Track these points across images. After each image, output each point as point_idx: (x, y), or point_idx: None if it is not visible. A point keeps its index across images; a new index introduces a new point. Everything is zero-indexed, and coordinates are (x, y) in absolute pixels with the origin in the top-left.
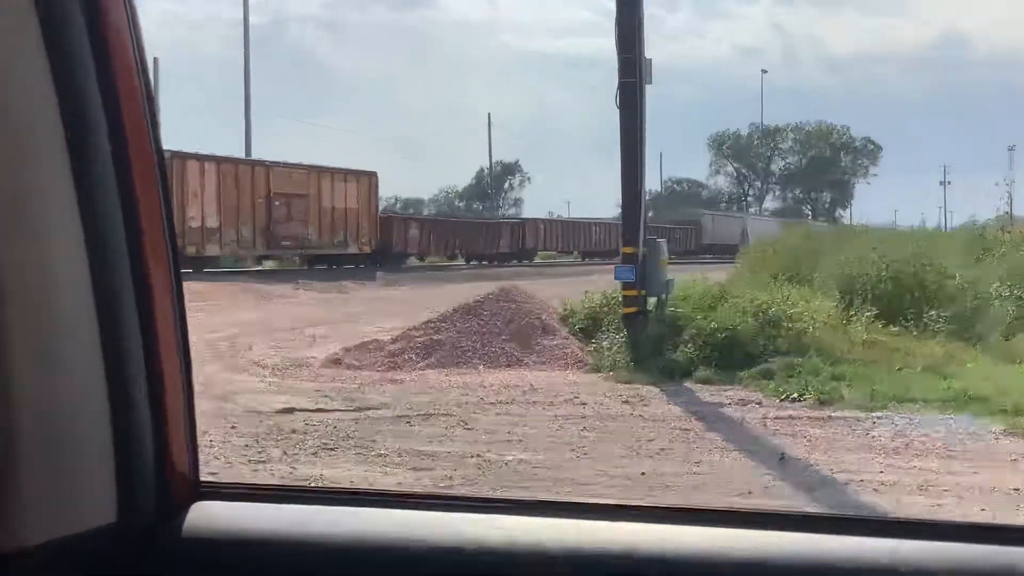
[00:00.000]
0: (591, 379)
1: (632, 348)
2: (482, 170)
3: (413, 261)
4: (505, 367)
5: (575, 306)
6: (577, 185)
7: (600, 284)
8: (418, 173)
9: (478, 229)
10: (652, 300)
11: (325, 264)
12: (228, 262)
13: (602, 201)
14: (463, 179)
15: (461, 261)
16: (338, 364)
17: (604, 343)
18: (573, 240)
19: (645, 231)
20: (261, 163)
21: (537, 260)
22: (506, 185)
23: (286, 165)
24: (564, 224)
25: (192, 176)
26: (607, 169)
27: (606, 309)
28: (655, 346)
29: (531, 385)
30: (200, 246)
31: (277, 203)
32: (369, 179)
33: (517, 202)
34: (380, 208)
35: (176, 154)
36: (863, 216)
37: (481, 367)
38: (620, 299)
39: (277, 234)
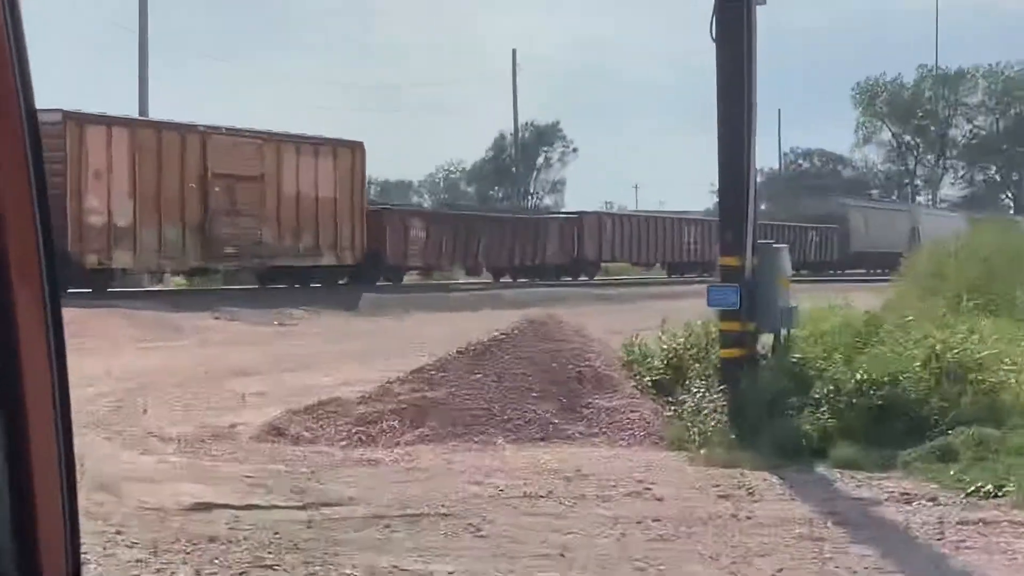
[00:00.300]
0: (670, 460)
1: (734, 412)
2: (502, 137)
3: (408, 277)
4: (538, 441)
5: (646, 346)
6: (649, 162)
7: (692, 312)
8: (405, 142)
9: (512, 229)
10: (766, 338)
11: (288, 281)
12: (135, 281)
13: (688, 186)
14: (473, 151)
15: (487, 278)
16: (279, 435)
17: (691, 403)
18: (654, 246)
19: (756, 232)
20: (193, 128)
21: (599, 277)
22: (539, 160)
23: (230, 131)
24: (640, 222)
25: (95, 148)
26: (696, 135)
27: (695, 351)
28: (770, 409)
29: (577, 469)
30: (104, 254)
31: (217, 188)
32: (352, 153)
33: (556, 186)
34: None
35: (70, 116)
36: None
37: (500, 440)
38: (716, 336)
39: (216, 236)
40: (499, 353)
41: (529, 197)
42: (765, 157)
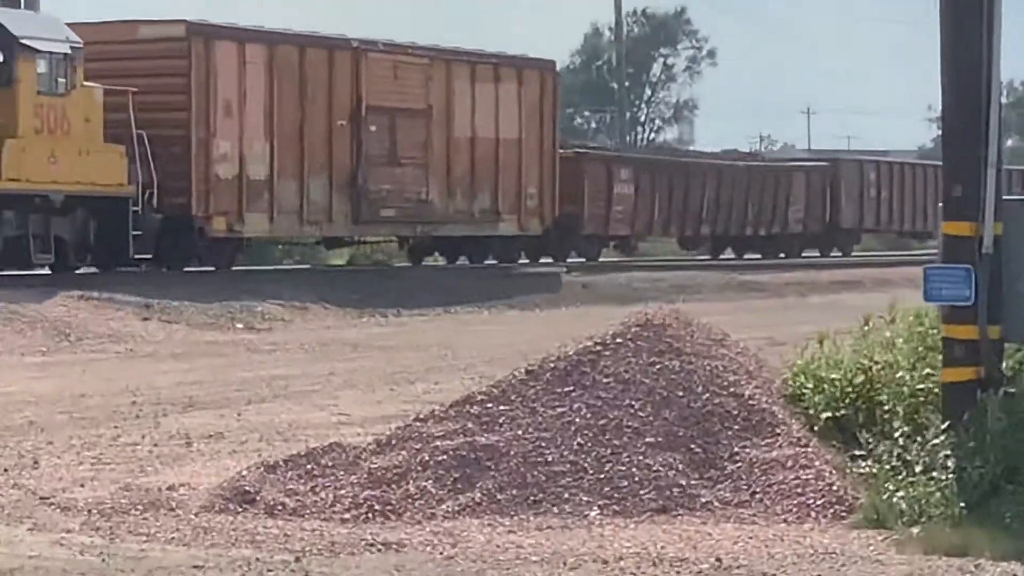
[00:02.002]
0: (864, 544)
1: (964, 467)
2: (596, 34)
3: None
4: (654, 513)
5: (821, 366)
6: (827, 75)
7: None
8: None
9: (745, 182)
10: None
11: (450, 253)
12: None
13: (891, 113)
14: (552, 55)
15: (704, 254)
16: (246, 502)
17: (893, 455)
18: (930, 209)
19: (1000, 183)
20: (344, 43)
21: (858, 252)
22: (654, 70)
23: (389, 47)
24: (919, 173)
25: (225, 72)
26: (904, 32)
27: (897, 371)
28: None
29: (717, 559)
30: (234, 216)
31: (373, 127)
32: (542, 77)
33: (682, 112)
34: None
35: (195, 29)
36: None
37: (595, 512)
38: (936, 345)
39: (371, 194)
40: (593, 374)
41: (639, 128)
42: (1016, 64)
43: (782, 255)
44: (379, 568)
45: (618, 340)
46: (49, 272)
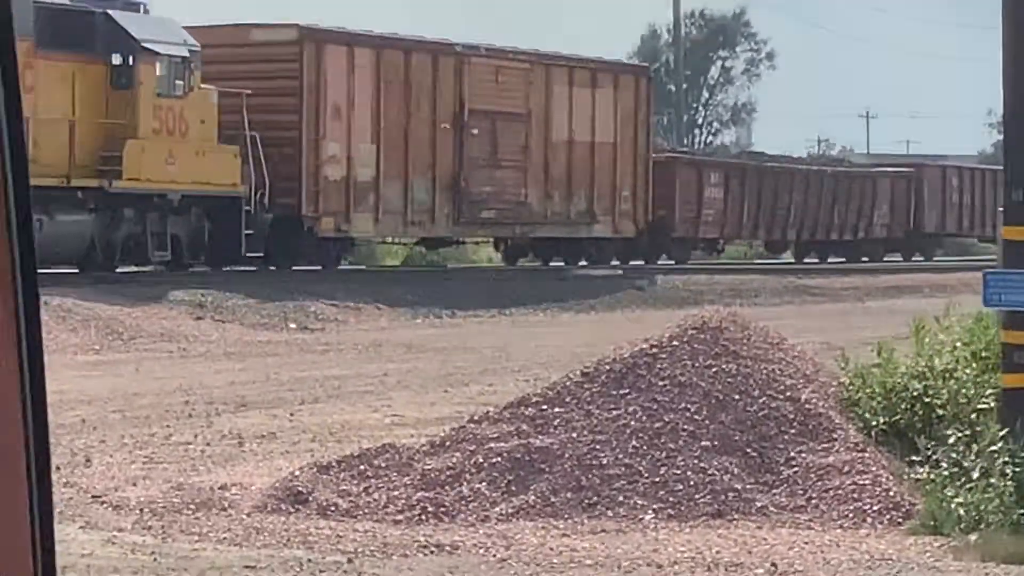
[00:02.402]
0: (921, 551)
1: (1021, 476)
2: (653, 35)
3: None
4: (709, 517)
5: (877, 372)
6: (888, 78)
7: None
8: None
9: (831, 187)
10: None
11: (544, 255)
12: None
13: (952, 117)
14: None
15: (787, 258)
16: (299, 502)
17: (950, 461)
18: None
19: None
20: (447, 48)
21: (940, 256)
22: (712, 72)
23: (490, 52)
24: (997, 175)
25: (334, 76)
26: (967, 36)
27: (960, 376)
28: None
29: (772, 565)
30: (342, 217)
31: (475, 131)
32: (636, 82)
33: (740, 114)
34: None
35: (307, 33)
36: None
37: (650, 515)
38: (998, 351)
39: (472, 196)
40: (649, 377)
41: (696, 131)
42: None
43: (864, 259)
44: (431, 570)
45: (674, 343)
46: (77, 271)
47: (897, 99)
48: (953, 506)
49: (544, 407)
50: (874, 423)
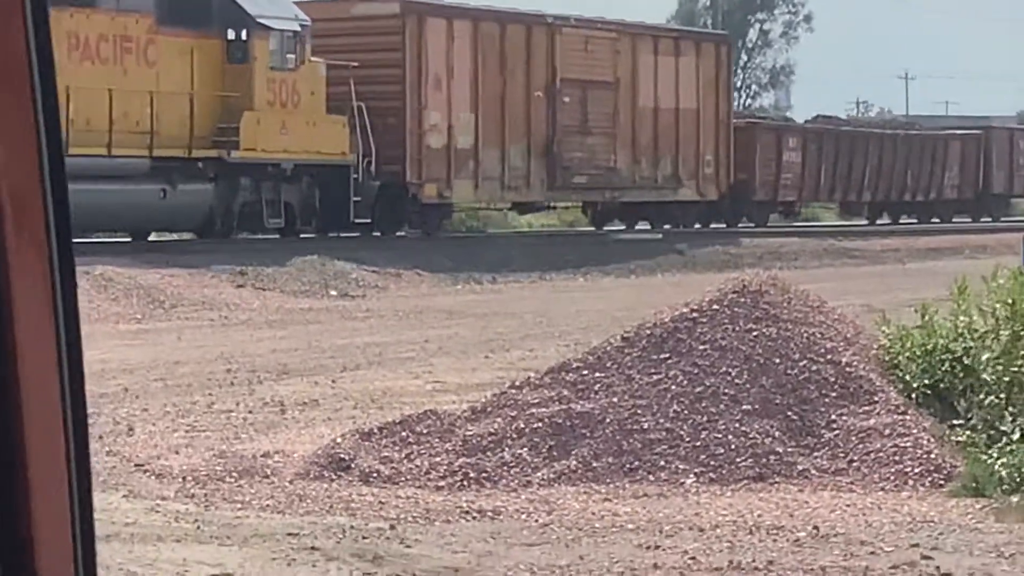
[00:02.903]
0: (962, 512)
1: None
2: None
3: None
4: (751, 481)
5: (919, 333)
6: (927, 41)
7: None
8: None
9: (903, 150)
10: None
11: (630, 219)
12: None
13: (988, 80)
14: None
15: (861, 218)
16: (341, 469)
17: (991, 424)
18: None
19: None
20: (540, 19)
21: (1009, 217)
22: (750, 35)
23: (580, 22)
24: None
25: (435, 48)
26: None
27: (1000, 337)
28: None
29: (814, 527)
30: (444, 184)
31: (566, 99)
32: (717, 49)
33: (779, 78)
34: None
35: (408, 6)
36: None
37: (691, 479)
38: None
39: (565, 161)
40: (690, 341)
41: (735, 94)
42: None
43: (935, 220)
44: (474, 535)
45: (715, 307)
46: (128, 240)
47: (935, 60)
48: (995, 468)
49: (585, 372)
50: (915, 385)
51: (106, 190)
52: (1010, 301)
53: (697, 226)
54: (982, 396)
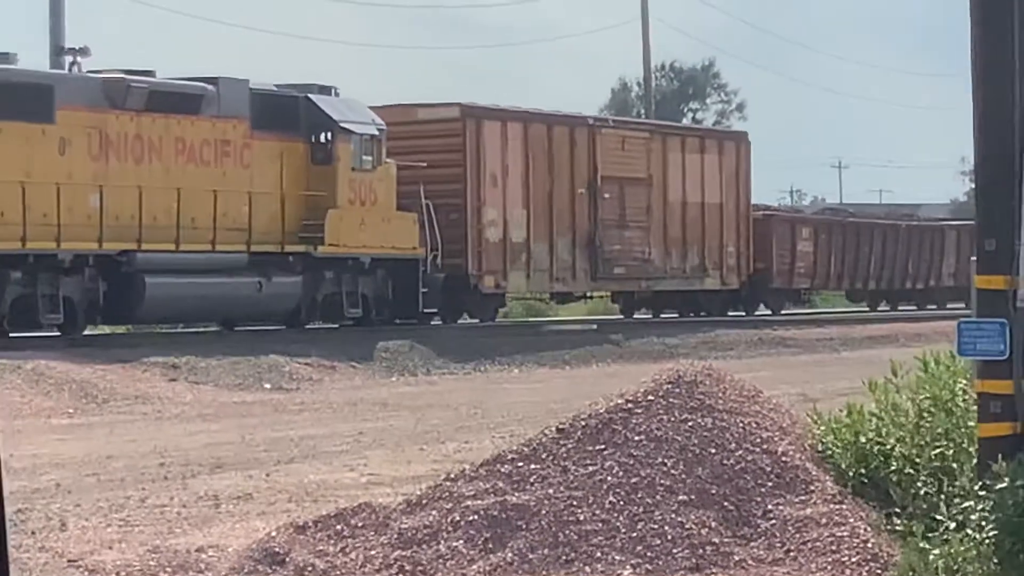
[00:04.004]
0: None
1: (1004, 525)
2: (624, 88)
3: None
4: (688, 571)
5: (851, 422)
6: (859, 127)
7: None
8: (475, 91)
9: (905, 239)
10: None
11: (656, 307)
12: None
13: (923, 168)
14: (581, 107)
15: (862, 305)
16: (276, 563)
17: (922, 514)
18: None
19: None
20: (582, 121)
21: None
22: (683, 123)
23: (617, 123)
24: None
25: (491, 148)
26: (935, 83)
27: (934, 425)
28: None
29: None
30: (500, 275)
31: (607, 195)
32: (737, 147)
33: None
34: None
35: (468, 111)
36: None
37: (628, 570)
38: (972, 402)
39: (606, 254)
40: (625, 432)
41: None
42: None
43: (932, 306)
44: None
45: (650, 397)
46: (59, 334)
47: (869, 148)
48: (931, 558)
49: (520, 464)
50: (850, 474)
51: (210, 283)
52: (933, 392)
53: (733, 313)
54: (918, 485)
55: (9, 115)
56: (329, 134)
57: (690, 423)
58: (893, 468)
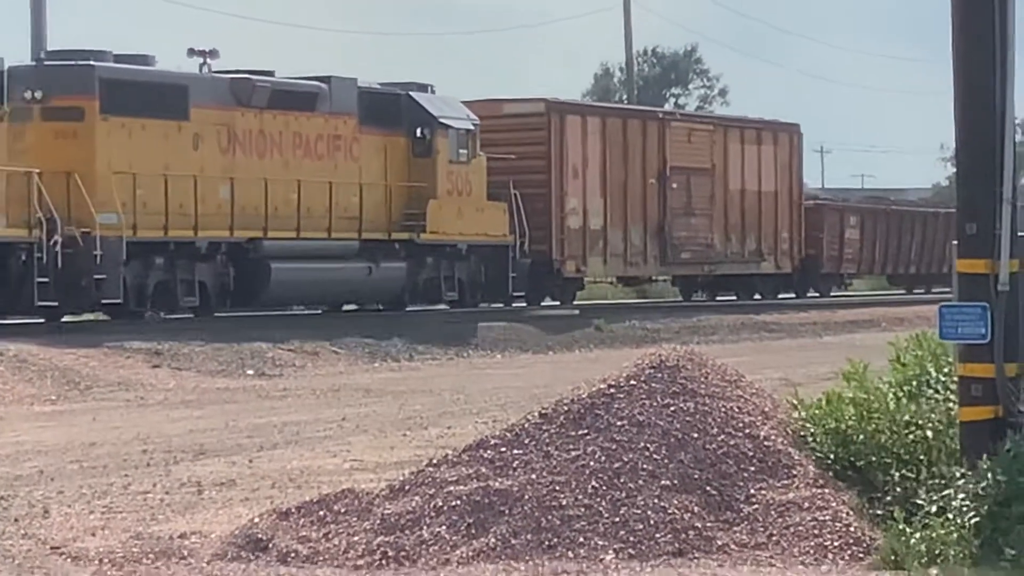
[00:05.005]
0: None
1: (983, 507)
2: (606, 74)
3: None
4: (670, 557)
5: (831, 410)
6: (842, 112)
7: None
8: (459, 79)
9: (944, 225)
10: None
11: (713, 290)
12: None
13: (905, 152)
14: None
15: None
16: (259, 549)
17: (901, 498)
18: None
19: (1016, 220)
20: (653, 115)
21: None
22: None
23: (684, 117)
24: None
25: (572, 142)
26: (919, 69)
27: (907, 411)
28: None
29: None
30: (580, 260)
31: (675, 185)
32: (790, 138)
33: None
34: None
35: (552, 106)
36: None
37: (610, 556)
38: (953, 386)
39: (674, 239)
40: (607, 417)
41: None
42: None
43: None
44: None
45: (632, 382)
46: (43, 321)
47: (851, 134)
48: (913, 541)
49: (503, 449)
50: (830, 459)
51: (327, 268)
52: (898, 379)
53: (783, 295)
54: (896, 472)
55: (151, 113)
56: (429, 129)
57: (672, 408)
58: (872, 454)
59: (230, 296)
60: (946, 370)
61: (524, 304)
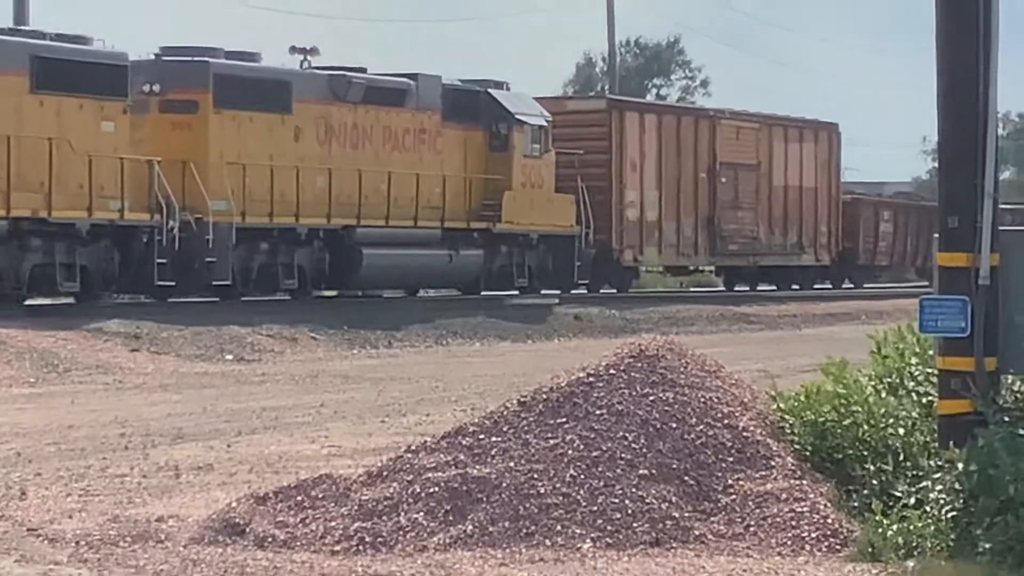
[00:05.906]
0: None
1: (959, 500)
2: (589, 64)
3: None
4: (647, 546)
5: (810, 398)
6: (824, 104)
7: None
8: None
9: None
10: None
11: (754, 280)
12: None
13: (887, 144)
14: (543, 85)
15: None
16: (235, 534)
17: (877, 491)
18: None
19: (997, 213)
20: (704, 113)
21: None
22: (648, 100)
23: (733, 115)
24: None
25: (631, 137)
26: (901, 62)
27: (885, 404)
28: (1021, 495)
29: None
30: (637, 249)
31: (723, 179)
32: (829, 136)
33: None
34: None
35: (613, 103)
36: None
37: (588, 544)
38: (931, 380)
39: (723, 231)
40: (586, 406)
41: None
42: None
43: None
44: None
45: (611, 371)
46: (37, 301)
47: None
48: (890, 533)
49: (481, 436)
50: (809, 451)
51: (413, 254)
52: (878, 371)
53: (818, 286)
54: (875, 463)
55: (258, 106)
56: (505, 124)
57: (651, 397)
58: (849, 447)
59: (325, 280)
60: (911, 363)
61: (585, 292)
